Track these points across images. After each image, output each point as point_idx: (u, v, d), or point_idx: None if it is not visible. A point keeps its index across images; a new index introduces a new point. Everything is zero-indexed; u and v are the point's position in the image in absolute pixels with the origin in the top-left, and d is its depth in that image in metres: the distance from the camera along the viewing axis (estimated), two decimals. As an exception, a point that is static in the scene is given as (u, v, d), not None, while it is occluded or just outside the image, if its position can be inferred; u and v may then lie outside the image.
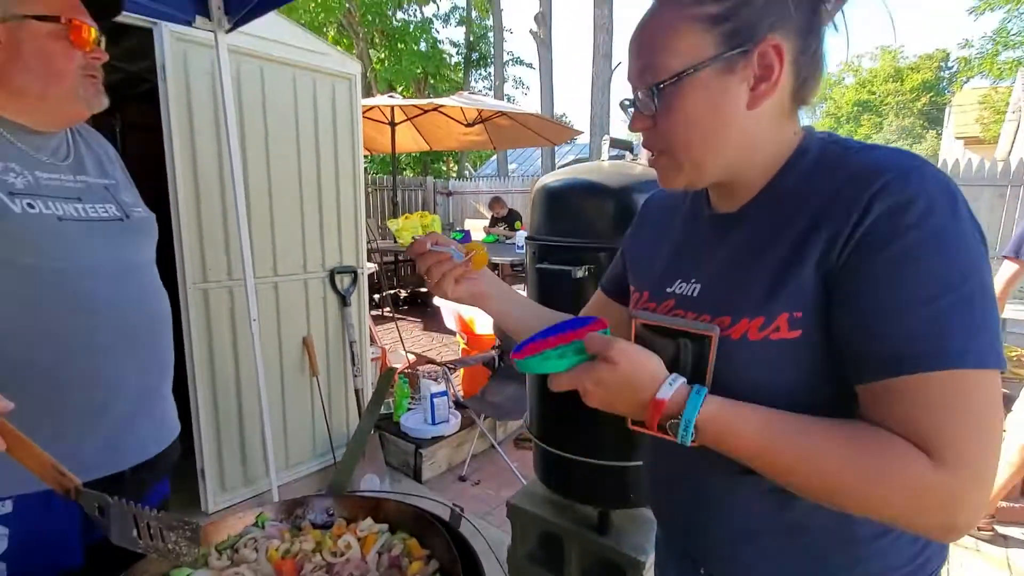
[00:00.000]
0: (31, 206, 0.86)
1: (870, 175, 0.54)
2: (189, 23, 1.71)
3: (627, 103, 0.67)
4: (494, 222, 7.45)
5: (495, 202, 7.57)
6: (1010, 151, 10.95)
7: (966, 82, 16.81)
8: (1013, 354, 3.50)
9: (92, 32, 0.90)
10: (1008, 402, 2.85)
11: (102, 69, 0.95)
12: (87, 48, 0.90)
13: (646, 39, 0.63)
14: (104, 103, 0.97)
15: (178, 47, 2.04)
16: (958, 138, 14.48)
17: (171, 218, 2.10)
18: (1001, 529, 2.51)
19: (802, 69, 0.61)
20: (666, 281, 0.72)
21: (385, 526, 0.93)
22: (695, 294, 0.67)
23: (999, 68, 14.69)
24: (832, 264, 0.54)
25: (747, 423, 0.55)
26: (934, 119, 26.93)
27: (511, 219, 7.30)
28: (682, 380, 0.57)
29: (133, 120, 3.47)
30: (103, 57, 0.93)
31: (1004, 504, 2.55)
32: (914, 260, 0.50)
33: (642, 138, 0.67)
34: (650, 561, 1.29)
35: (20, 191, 0.86)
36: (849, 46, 0.64)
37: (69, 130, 1.01)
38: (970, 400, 0.49)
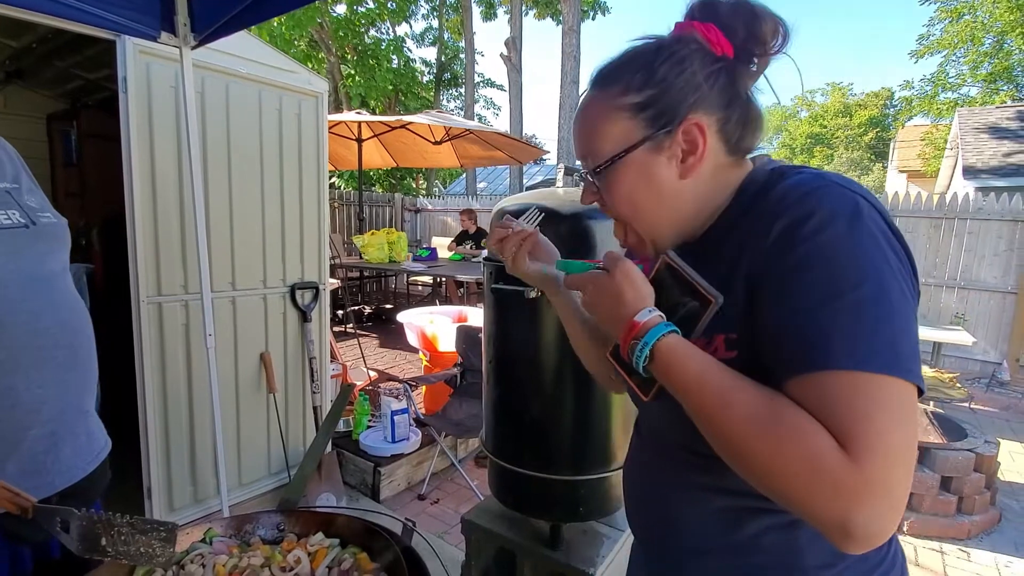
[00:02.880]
0: None
1: (782, 197, 0.59)
2: (154, 38, 1.71)
3: (578, 177, 0.75)
4: (462, 238, 7.32)
5: (466, 214, 7.39)
6: (948, 185, 11.71)
7: (908, 120, 17.93)
8: (947, 376, 3.72)
9: None
10: (941, 421, 3.02)
11: None
12: None
13: (582, 127, 0.69)
14: None
15: (141, 60, 2.03)
16: (901, 171, 15.38)
17: (126, 230, 2.07)
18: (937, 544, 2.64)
19: (731, 135, 0.66)
20: None
21: (336, 540, 0.93)
22: None
23: (938, 108, 15.74)
24: (751, 280, 0.59)
25: (694, 360, 0.58)
26: (880, 153, 28.54)
27: (479, 237, 7.20)
28: (659, 313, 0.62)
29: (90, 128, 3.39)
30: None
31: (941, 520, 2.68)
32: (806, 269, 0.53)
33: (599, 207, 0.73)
34: (599, 572, 1.33)
35: None
36: (778, 98, 0.70)
37: None
38: (870, 403, 0.49)
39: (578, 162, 0.73)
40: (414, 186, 17.67)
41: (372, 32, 15.09)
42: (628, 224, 0.70)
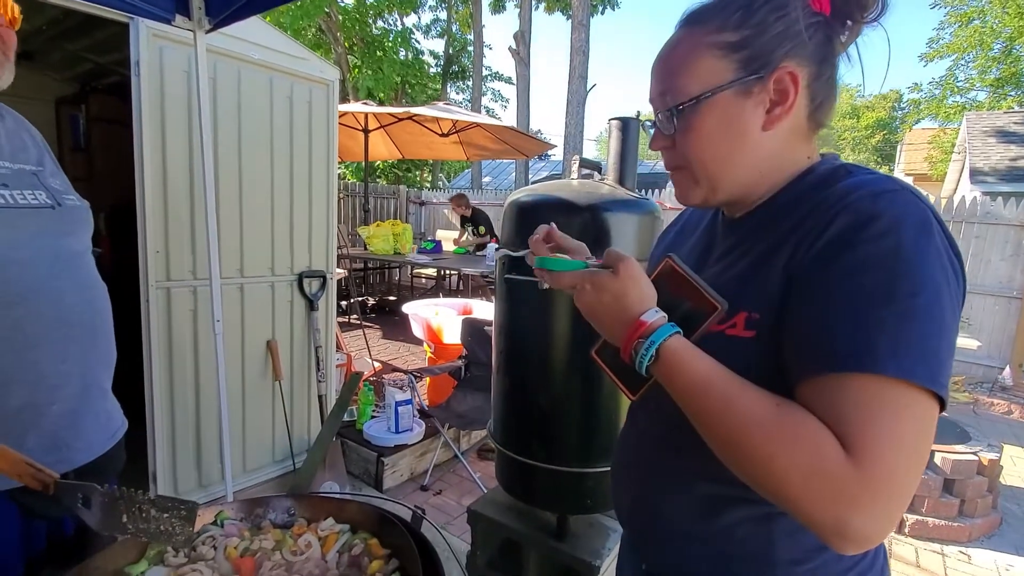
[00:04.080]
0: None
1: (847, 193, 0.57)
2: (168, 21, 1.71)
3: (648, 124, 0.71)
4: (462, 224, 7.07)
5: (458, 199, 6.92)
6: (955, 189, 11.66)
7: (916, 123, 17.84)
8: (953, 379, 3.71)
9: None
10: (944, 424, 3.02)
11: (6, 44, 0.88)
12: None
13: (667, 63, 0.66)
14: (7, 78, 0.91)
15: (154, 44, 2.02)
16: (908, 174, 15.31)
17: (135, 214, 2.06)
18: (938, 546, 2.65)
19: (817, 94, 0.64)
20: None
21: (346, 526, 0.94)
22: None
23: (946, 111, 15.66)
24: (795, 268, 0.57)
25: (700, 362, 0.57)
26: (887, 155, 28.38)
27: (476, 220, 6.87)
28: (663, 314, 0.61)
29: (99, 112, 3.39)
30: (6, 38, 0.86)
31: (942, 523, 2.69)
32: (864, 271, 0.52)
33: (662, 157, 0.70)
34: (604, 565, 1.33)
35: None
36: (864, 77, 0.66)
37: None
38: (896, 412, 0.49)
39: (652, 103, 0.68)
40: (419, 179, 17.64)
41: (380, 23, 15.04)
42: (690, 168, 0.67)
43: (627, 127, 1.41)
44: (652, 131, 0.70)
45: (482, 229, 6.80)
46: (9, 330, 0.85)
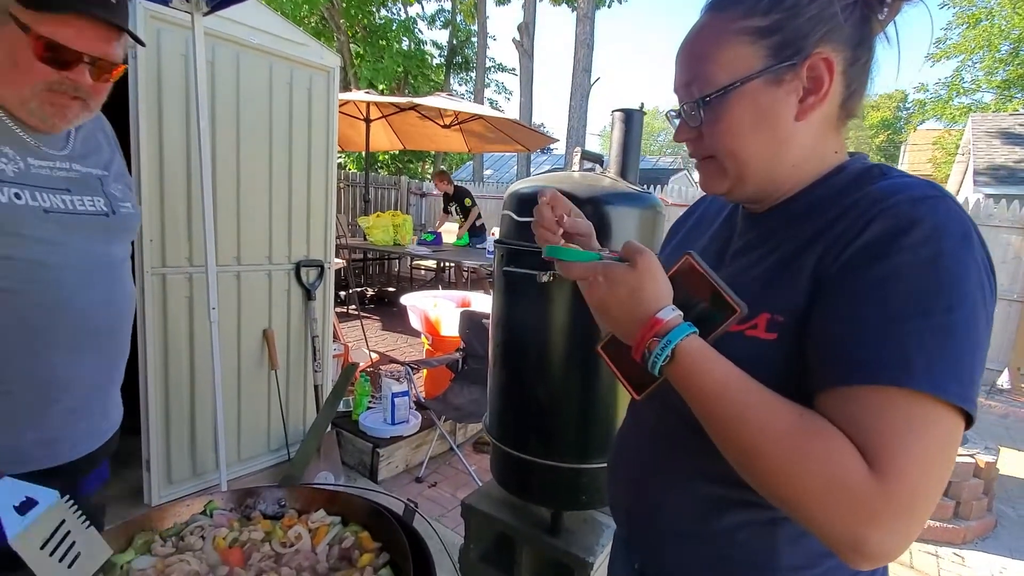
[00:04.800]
0: (18, 196, 0.84)
1: (883, 197, 0.54)
2: (166, 2, 1.68)
3: (672, 114, 0.66)
4: (445, 205, 6.95)
5: (440, 176, 6.86)
6: (958, 191, 11.63)
7: (921, 123, 17.78)
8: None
9: (73, 56, 0.84)
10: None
11: (82, 94, 0.88)
12: (55, 68, 0.84)
13: (693, 51, 0.62)
14: (63, 126, 0.92)
15: (151, 26, 1.99)
16: (911, 175, 15.26)
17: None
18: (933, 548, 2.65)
19: (851, 81, 0.60)
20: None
21: (337, 518, 0.92)
22: None
23: (951, 112, 15.60)
24: (823, 272, 0.55)
25: (717, 365, 0.55)
26: (891, 156, 28.31)
27: (460, 196, 6.74)
28: (680, 313, 0.58)
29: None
30: (81, 82, 0.86)
31: (937, 524, 2.69)
32: (900, 280, 0.50)
33: (687, 147, 0.66)
34: (598, 562, 1.32)
35: (9, 179, 0.84)
36: (900, 59, 0.62)
37: None
38: (924, 428, 0.47)
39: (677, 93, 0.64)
40: (420, 170, 17.58)
41: (383, 12, 14.93)
42: (717, 160, 0.63)
43: (631, 119, 1.38)
44: (677, 122, 0.66)
45: (468, 201, 6.69)
46: (35, 331, 0.87)
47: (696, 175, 0.83)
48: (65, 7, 0.81)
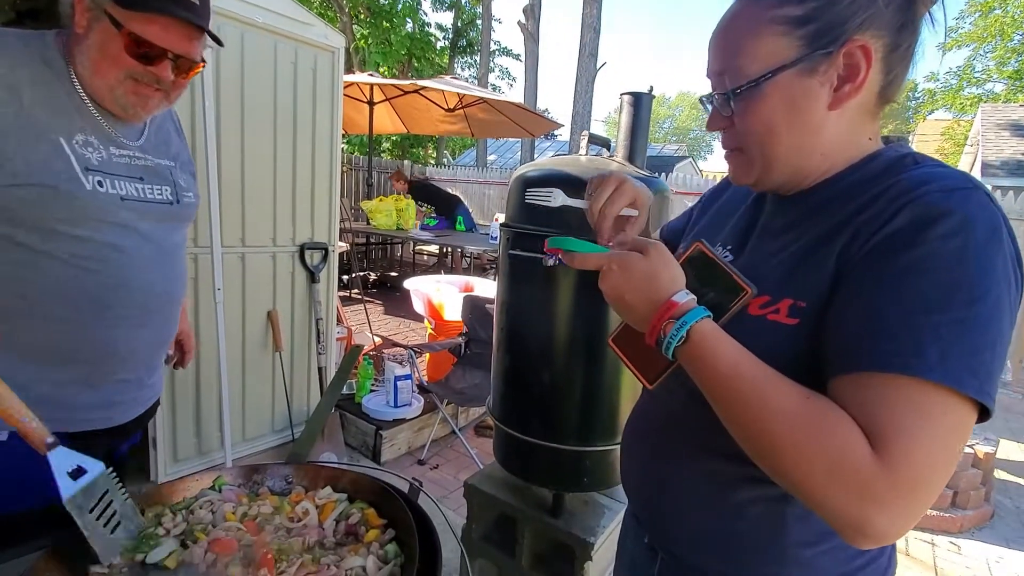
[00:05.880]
0: (100, 184, 0.92)
1: (914, 186, 0.53)
2: (170, -22, 1.66)
3: (705, 100, 0.66)
4: (415, 199, 6.74)
5: (396, 175, 6.77)
6: (964, 182, 11.51)
7: (930, 113, 17.57)
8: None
9: (158, 52, 0.90)
10: None
11: (164, 87, 0.95)
12: (141, 62, 0.90)
13: (725, 41, 0.61)
14: (144, 116, 0.99)
15: (156, 2, 1.96)
16: (918, 166, 15.11)
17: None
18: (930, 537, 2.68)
19: (891, 67, 0.58)
20: (710, 240, 0.74)
21: (344, 495, 0.94)
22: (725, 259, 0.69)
23: (961, 102, 15.41)
24: (849, 258, 0.55)
25: (730, 348, 0.56)
26: (898, 146, 27.89)
27: (416, 195, 6.61)
28: (693, 297, 0.59)
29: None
30: (163, 76, 0.93)
31: (934, 513, 2.71)
32: (924, 271, 0.49)
33: (720, 136, 0.66)
34: (599, 543, 1.34)
35: (95, 167, 0.92)
36: (946, 38, 0.61)
37: None
38: (933, 417, 0.48)
39: (709, 80, 0.63)
40: (423, 155, 17.48)
41: (388, -7, 14.72)
42: (747, 151, 0.63)
43: (639, 102, 1.37)
44: (709, 108, 0.65)
45: (428, 208, 6.63)
46: (104, 309, 0.95)
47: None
48: (154, 7, 0.88)
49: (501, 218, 1.49)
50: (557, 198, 0.73)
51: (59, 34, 0.94)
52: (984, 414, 0.50)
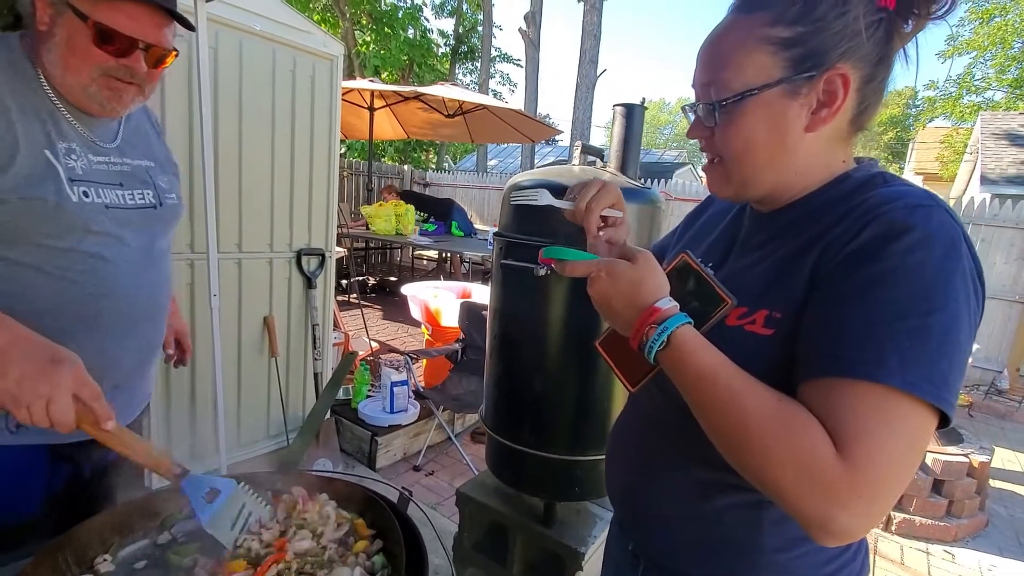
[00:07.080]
0: (86, 195, 0.90)
1: (881, 203, 0.56)
2: (169, -12, 1.67)
3: (688, 109, 0.68)
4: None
5: (387, 190, 7.01)
6: (964, 190, 11.55)
7: (930, 121, 17.60)
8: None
9: (128, 43, 0.88)
10: (953, 439, 2.98)
11: (138, 80, 0.92)
12: (113, 54, 0.87)
13: (714, 54, 0.63)
14: (121, 111, 0.96)
15: (155, 10, 1.98)
16: (917, 173, 15.15)
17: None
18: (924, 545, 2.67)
19: (865, 98, 0.61)
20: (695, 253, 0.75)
21: (333, 504, 0.94)
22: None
23: (961, 110, 15.44)
24: (820, 271, 0.58)
25: (708, 352, 0.58)
26: (898, 153, 28.04)
27: (418, 202, 6.81)
28: (677, 304, 0.62)
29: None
30: (136, 68, 0.90)
31: (929, 522, 2.71)
32: (886, 284, 0.52)
33: (700, 143, 0.68)
34: (590, 552, 1.34)
35: (79, 177, 0.90)
36: (917, 75, 0.64)
37: None
38: (893, 422, 0.50)
39: (694, 89, 0.66)
40: (424, 160, 17.52)
41: (389, -1, 14.81)
42: (726, 163, 0.65)
43: (631, 114, 1.38)
44: (692, 116, 0.68)
45: (422, 216, 6.76)
46: (91, 318, 0.94)
47: (700, 170, 0.87)
48: None
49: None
50: (543, 197, 0.75)
51: (23, 36, 0.90)
52: (944, 421, 0.52)
